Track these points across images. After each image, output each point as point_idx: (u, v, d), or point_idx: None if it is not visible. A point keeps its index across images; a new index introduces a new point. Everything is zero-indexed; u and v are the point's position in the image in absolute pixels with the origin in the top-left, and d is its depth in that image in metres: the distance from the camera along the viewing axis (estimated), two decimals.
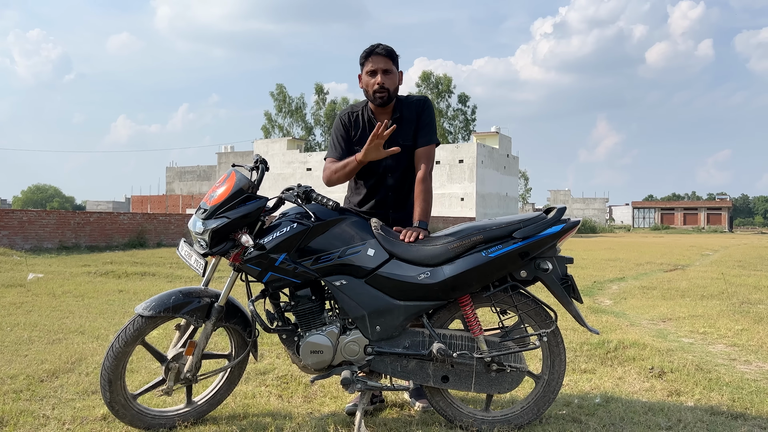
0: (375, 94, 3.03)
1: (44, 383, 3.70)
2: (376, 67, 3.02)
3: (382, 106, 3.09)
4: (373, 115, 3.16)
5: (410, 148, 3.13)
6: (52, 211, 21.18)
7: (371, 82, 3.03)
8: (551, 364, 2.90)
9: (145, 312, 2.68)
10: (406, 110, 3.15)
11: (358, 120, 3.18)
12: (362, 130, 3.15)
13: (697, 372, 4.09)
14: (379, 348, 2.79)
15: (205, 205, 2.74)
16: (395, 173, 3.15)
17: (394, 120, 3.10)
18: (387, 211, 3.19)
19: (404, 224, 3.11)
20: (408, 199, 3.23)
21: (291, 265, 2.73)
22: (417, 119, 3.13)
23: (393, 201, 3.18)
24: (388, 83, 3.02)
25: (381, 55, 3.03)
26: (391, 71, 3.05)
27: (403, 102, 3.17)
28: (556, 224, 2.79)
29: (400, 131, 3.10)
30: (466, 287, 2.75)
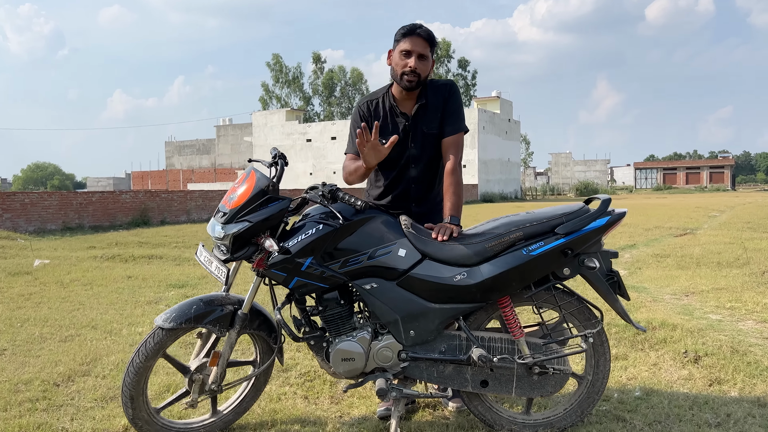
0: (404, 76, 2.81)
1: (60, 389, 3.57)
2: (412, 48, 2.79)
3: (409, 91, 2.87)
4: (395, 102, 2.94)
5: (435, 136, 2.93)
6: (54, 192, 20.99)
7: (403, 63, 2.80)
8: (595, 364, 2.75)
9: (165, 324, 2.52)
10: (431, 96, 2.92)
11: (378, 109, 2.97)
12: (382, 120, 2.93)
13: (734, 355, 3.95)
14: (413, 353, 2.63)
15: (224, 208, 2.56)
16: (419, 164, 2.95)
17: (419, 107, 2.89)
18: (409, 205, 3.00)
19: (427, 219, 2.94)
20: (431, 192, 3.04)
21: (318, 269, 2.56)
22: (443, 106, 2.92)
23: (415, 194, 2.98)
24: (421, 68, 2.81)
25: (421, 38, 2.80)
26: (427, 57, 2.84)
27: (429, 87, 2.94)
28: (602, 217, 2.60)
29: (425, 118, 2.91)
30: (506, 288, 2.58)
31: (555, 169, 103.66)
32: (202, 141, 73.59)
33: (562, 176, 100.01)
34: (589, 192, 60.86)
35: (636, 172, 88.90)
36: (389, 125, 2.92)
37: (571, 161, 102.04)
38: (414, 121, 2.91)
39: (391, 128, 2.93)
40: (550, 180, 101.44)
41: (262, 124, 52.86)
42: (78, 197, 20.69)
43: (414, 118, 2.91)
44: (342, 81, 68.37)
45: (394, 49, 2.87)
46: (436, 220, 2.94)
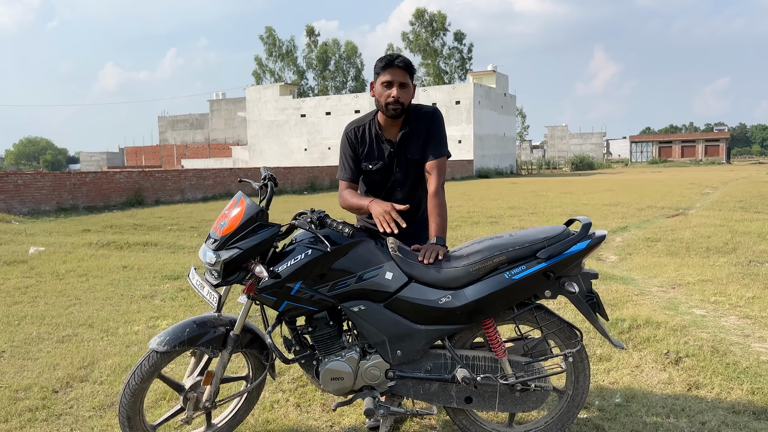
0: (388, 106, 2.95)
1: (59, 396, 3.67)
2: (393, 78, 2.93)
3: (394, 119, 3.01)
4: (380, 129, 3.07)
5: (418, 161, 3.07)
6: (48, 173, 20.94)
7: (386, 93, 2.94)
8: (575, 380, 2.86)
9: (159, 348, 2.61)
10: (414, 123, 3.07)
11: (365, 135, 3.10)
12: (368, 146, 3.08)
13: (713, 356, 4.08)
14: (400, 372, 2.73)
15: (215, 235, 2.62)
16: (404, 187, 3.12)
17: (403, 135, 3.04)
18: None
19: (415, 238, 3.05)
20: (418, 213, 3.17)
21: (307, 293, 2.64)
22: (426, 131, 3.05)
23: (402, 215, 3.03)
24: (403, 97, 2.94)
25: (399, 68, 2.93)
26: (407, 85, 2.97)
27: (413, 114, 3.09)
28: (582, 240, 2.68)
29: (409, 145, 3.05)
30: (489, 310, 2.67)
31: (551, 142, 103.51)
32: (195, 116, 73.16)
33: (558, 149, 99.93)
34: (585, 167, 60.94)
35: (632, 145, 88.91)
36: (375, 151, 3.06)
37: (567, 134, 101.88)
38: (398, 148, 3.05)
39: (377, 154, 3.07)
40: (545, 153, 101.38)
41: (256, 99, 52.49)
42: (72, 178, 20.66)
43: (398, 145, 3.05)
44: (336, 54, 67.77)
45: (376, 81, 3.01)
46: (423, 239, 3.08)
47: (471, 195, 22.58)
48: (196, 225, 14.20)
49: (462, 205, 17.72)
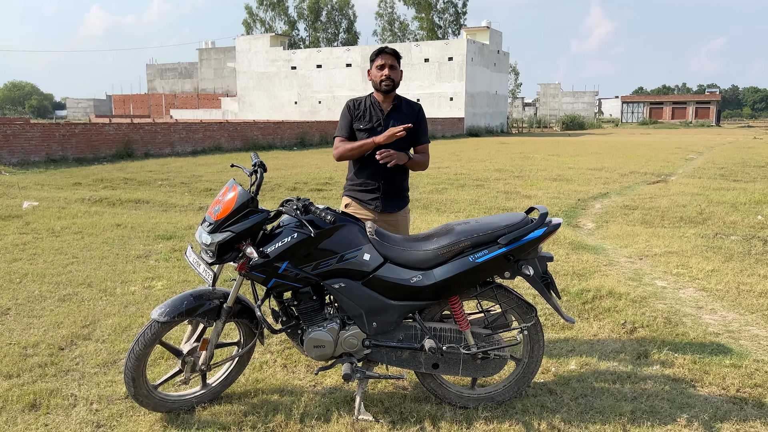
0: (382, 83, 3.64)
1: (64, 353, 4.00)
2: (384, 62, 3.63)
3: (386, 93, 3.68)
4: (375, 100, 3.76)
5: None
6: (36, 123, 20.90)
7: (380, 74, 3.64)
8: (531, 350, 3.21)
9: (160, 318, 2.92)
10: (404, 105, 3.80)
11: (361, 105, 3.78)
12: (362, 112, 3.74)
13: (666, 327, 4.46)
14: (376, 342, 3.08)
15: (210, 219, 2.91)
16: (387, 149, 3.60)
17: (393, 106, 3.75)
18: (378, 182, 3.70)
19: (393, 197, 3.75)
20: (397, 175, 3.75)
21: (293, 272, 2.95)
22: (416, 119, 3.74)
23: (384, 175, 3.68)
24: (393, 75, 3.65)
25: (389, 54, 3.65)
26: (395, 67, 3.67)
27: (402, 99, 3.83)
28: (539, 228, 2.99)
29: (396, 116, 3.73)
30: (455, 289, 3.00)
31: (543, 100, 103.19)
32: (184, 65, 72.10)
33: (550, 108, 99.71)
34: (575, 126, 61.05)
35: (623, 105, 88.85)
36: (367, 115, 3.73)
37: (560, 93, 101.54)
38: (387, 116, 3.72)
39: (368, 117, 3.73)
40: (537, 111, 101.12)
41: (246, 50, 51.81)
42: (61, 129, 20.65)
43: (388, 114, 3.73)
44: (328, 5, 66.55)
45: (371, 67, 3.72)
46: (397, 201, 3.79)
47: (460, 155, 22.81)
48: (186, 181, 14.41)
49: (450, 167, 17.99)
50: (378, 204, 3.68)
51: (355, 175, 3.77)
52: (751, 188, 12.70)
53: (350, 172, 3.84)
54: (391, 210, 3.72)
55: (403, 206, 3.82)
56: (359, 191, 3.73)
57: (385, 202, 3.70)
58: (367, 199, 3.70)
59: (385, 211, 3.69)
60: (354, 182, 3.78)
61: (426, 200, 11.20)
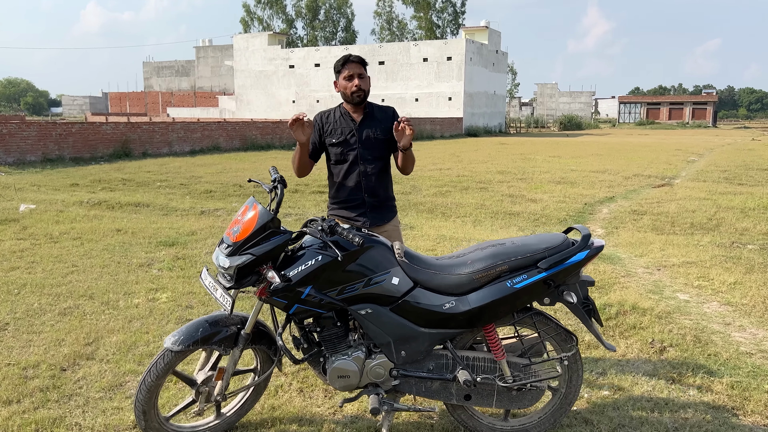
0: (353, 94, 3.43)
1: (67, 374, 3.78)
2: (352, 72, 3.42)
3: (358, 105, 3.49)
4: (346, 111, 3.54)
5: (382, 141, 3.50)
6: (33, 122, 20.60)
7: (349, 85, 3.43)
8: (569, 379, 3.02)
9: (174, 347, 2.71)
10: (377, 111, 3.57)
11: (330, 117, 3.57)
12: (333, 124, 3.53)
13: (696, 346, 4.27)
14: (404, 371, 2.87)
15: (228, 240, 2.70)
16: (366, 161, 3.48)
17: (365, 114, 3.51)
18: (362, 196, 3.50)
19: (378, 210, 3.53)
20: (381, 187, 3.54)
21: (317, 297, 2.74)
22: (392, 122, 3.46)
23: (367, 187, 3.49)
24: (363, 85, 3.44)
25: (355, 62, 3.45)
26: (364, 75, 3.47)
27: (373, 105, 3.59)
28: (581, 251, 2.79)
29: (370, 124, 3.50)
30: (490, 316, 2.79)
31: (540, 100, 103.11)
32: (181, 62, 71.66)
33: (547, 107, 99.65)
34: (573, 126, 60.95)
35: (620, 106, 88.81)
36: (339, 128, 3.51)
37: (557, 92, 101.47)
38: (360, 126, 3.49)
39: (340, 131, 3.50)
40: (534, 111, 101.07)
41: (244, 48, 51.47)
42: (57, 128, 20.36)
43: (360, 124, 3.50)
44: (326, 4, 66.22)
45: (338, 78, 3.50)
46: (384, 212, 3.58)
47: (460, 156, 22.62)
48: (186, 182, 14.17)
49: (451, 168, 17.80)
50: (365, 219, 3.48)
51: (337, 193, 3.57)
52: (758, 193, 12.56)
53: (331, 189, 3.64)
54: (379, 223, 3.52)
55: (391, 217, 3.61)
56: (343, 208, 3.53)
57: (372, 216, 3.50)
58: (353, 216, 3.49)
59: (373, 224, 3.49)
60: (337, 200, 3.58)
61: (431, 204, 11.00)
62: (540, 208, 10.67)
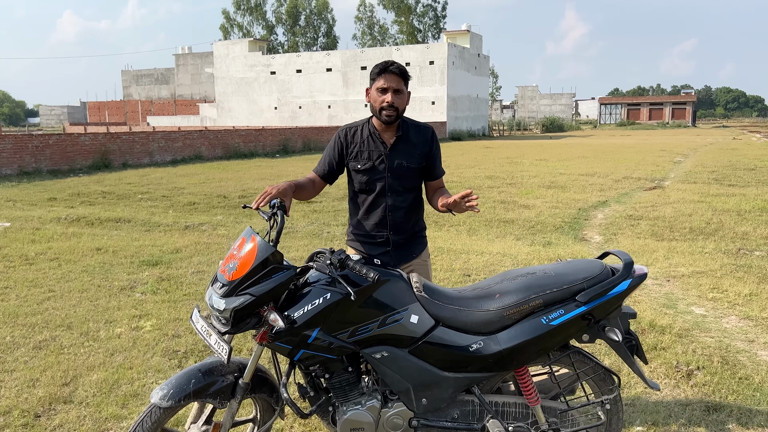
0: (382, 111, 2.93)
1: (41, 421, 3.40)
2: (387, 84, 2.90)
3: (388, 124, 2.98)
4: (375, 130, 3.04)
5: (414, 170, 3.04)
6: (8, 134, 19.99)
7: (380, 99, 2.92)
8: (609, 422, 2.70)
9: (163, 403, 2.35)
10: (412, 132, 3.06)
11: (356, 135, 3.07)
12: (359, 145, 3.05)
13: (724, 368, 3.99)
14: (425, 421, 2.53)
15: (223, 279, 2.34)
16: (395, 192, 3.03)
17: (397, 138, 3.00)
18: (387, 233, 3.06)
19: (404, 248, 3.07)
20: (409, 222, 3.09)
21: (326, 341, 2.39)
22: (429, 148, 3.07)
23: (392, 222, 3.05)
24: (398, 102, 2.92)
25: (394, 74, 2.92)
26: (402, 91, 2.95)
27: (409, 124, 3.08)
28: (624, 281, 2.48)
29: (403, 151, 3.01)
30: (524, 357, 2.47)
31: (521, 102, 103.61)
32: (160, 70, 70.79)
33: (528, 110, 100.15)
34: (555, 128, 61.11)
35: (601, 107, 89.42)
36: (366, 151, 3.01)
37: (538, 95, 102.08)
38: (392, 152, 3.00)
39: (367, 154, 3.01)
40: (516, 114, 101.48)
41: (224, 55, 50.87)
42: (34, 140, 19.77)
43: (392, 149, 3.01)
44: (307, 10, 65.83)
45: (371, 87, 2.98)
46: (412, 247, 3.11)
47: (447, 161, 22.35)
48: (168, 194, 13.72)
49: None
50: (388, 259, 2.97)
51: (359, 224, 3.10)
52: (751, 194, 12.46)
53: (352, 218, 3.17)
54: (406, 261, 3.07)
55: (419, 251, 3.15)
56: (366, 243, 3.08)
57: (396, 254, 3.04)
58: (376, 254, 3.00)
59: (399, 263, 3.01)
60: (359, 232, 3.11)
61: None
62: (534, 215, 10.41)
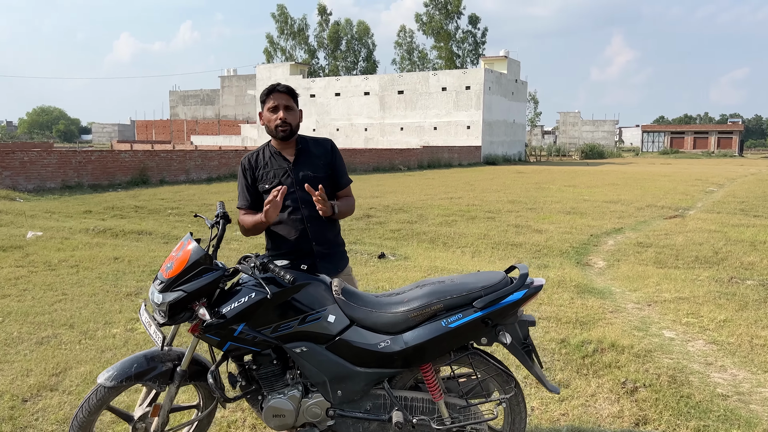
0: (277, 128, 3.13)
1: (27, 405, 3.80)
2: (277, 103, 3.12)
3: (285, 140, 3.18)
4: (275, 150, 3.24)
5: (322, 179, 3.20)
6: (54, 150, 21.12)
7: (273, 117, 3.13)
8: (512, 422, 2.94)
9: (106, 383, 2.71)
10: (312, 145, 3.28)
11: (259, 159, 3.25)
12: (263, 168, 3.22)
13: (669, 386, 4.14)
14: (341, 411, 2.83)
15: (162, 276, 2.72)
16: (309, 205, 3.14)
17: (298, 151, 3.22)
18: (310, 245, 3.18)
19: (329, 258, 3.23)
20: (329, 232, 3.25)
21: (250, 335, 2.73)
22: (331, 159, 3.27)
23: (313, 233, 3.18)
24: (290, 118, 3.14)
25: (282, 93, 3.14)
26: (292, 108, 3.16)
27: (307, 139, 3.30)
28: (519, 290, 2.74)
29: (306, 162, 3.21)
30: (426, 356, 2.75)
31: (563, 128, 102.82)
32: (206, 91, 73.14)
33: (569, 136, 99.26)
34: (595, 155, 60.54)
35: (644, 135, 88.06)
36: (271, 171, 3.18)
37: (579, 121, 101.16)
38: (295, 165, 3.19)
39: (273, 174, 3.19)
40: (557, 140, 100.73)
41: (266, 78, 52.39)
42: (77, 156, 20.83)
43: (295, 162, 3.20)
44: (348, 34, 67.31)
45: (263, 110, 3.19)
46: (335, 261, 3.28)
47: (474, 185, 22.56)
48: (196, 209, 14.33)
49: (462, 197, 17.74)
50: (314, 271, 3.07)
51: (278, 244, 3.19)
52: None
53: (269, 240, 3.25)
54: (331, 274, 3.14)
55: (343, 265, 3.31)
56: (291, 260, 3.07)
57: (322, 266, 3.15)
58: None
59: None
60: (279, 252, 3.17)
61: (434, 233, 10.95)
62: (544, 239, 10.55)
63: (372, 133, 47.92)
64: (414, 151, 36.86)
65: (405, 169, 33.54)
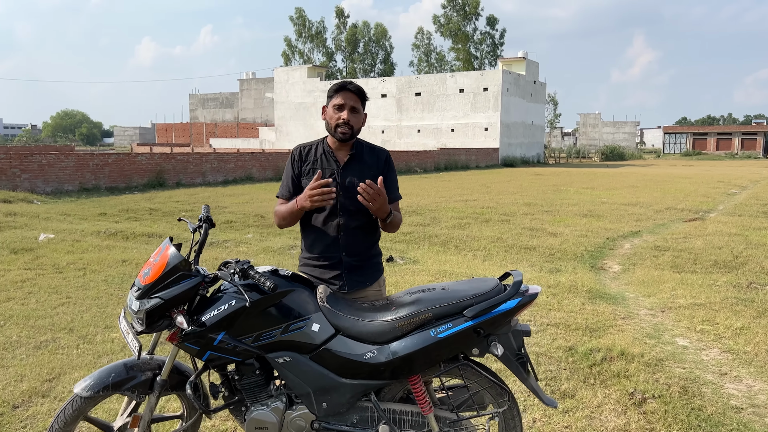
0: (338, 128, 2.94)
1: (17, 412, 3.74)
2: (344, 101, 2.94)
3: (343, 142, 3.00)
4: (329, 148, 3.06)
5: None
6: (71, 153, 21.35)
7: (336, 116, 2.95)
8: None
9: (83, 393, 2.62)
10: (366, 153, 3.09)
11: (310, 153, 3.08)
12: (312, 164, 3.04)
13: (680, 398, 3.96)
14: (326, 424, 2.71)
15: (139, 283, 2.61)
16: (347, 212, 2.98)
17: (351, 156, 3.03)
18: (339, 254, 3.00)
19: (359, 271, 3.03)
20: (362, 244, 3.06)
21: (230, 344, 2.62)
22: (383, 171, 3.05)
23: (345, 243, 2.99)
24: (353, 120, 2.95)
25: (351, 92, 2.96)
26: (358, 110, 2.98)
27: (364, 145, 3.11)
28: (512, 299, 2.60)
29: (356, 169, 3.01)
30: (415, 367, 2.62)
31: (583, 130, 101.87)
32: (225, 95, 73.68)
33: (589, 137, 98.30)
34: (615, 157, 59.80)
35: (665, 136, 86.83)
36: (319, 167, 3.00)
37: (600, 122, 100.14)
38: (344, 170, 3.01)
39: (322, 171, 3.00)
40: (577, 141, 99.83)
41: (284, 81, 52.56)
42: (94, 159, 21.02)
43: (344, 167, 3.01)
44: (365, 37, 67.33)
45: (328, 105, 3.01)
46: (367, 274, 3.06)
47: (490, 187, 22.34)
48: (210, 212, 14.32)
49: (478, 199, 17.55)
50: (341, 282, 2.97)
51: (311, 247, 3.05)
52: None
53: (304, 240, 3.11)
54: (360, 287, 3.02)
55: (375, 278, 3.10)
56: (316, 267, 3.02)
57: (350, 279, 2.99)
58: (328, 278, 2.98)
59: (352, 289, 2.99)
60: (310, 256, 3.05)
61: (446, 236, 10.79)
62: (558, 243, 10.34)
63: (389, 135, 47.81)
64: (431, 153, 36.67)
65: (421, 172, 33.36)
